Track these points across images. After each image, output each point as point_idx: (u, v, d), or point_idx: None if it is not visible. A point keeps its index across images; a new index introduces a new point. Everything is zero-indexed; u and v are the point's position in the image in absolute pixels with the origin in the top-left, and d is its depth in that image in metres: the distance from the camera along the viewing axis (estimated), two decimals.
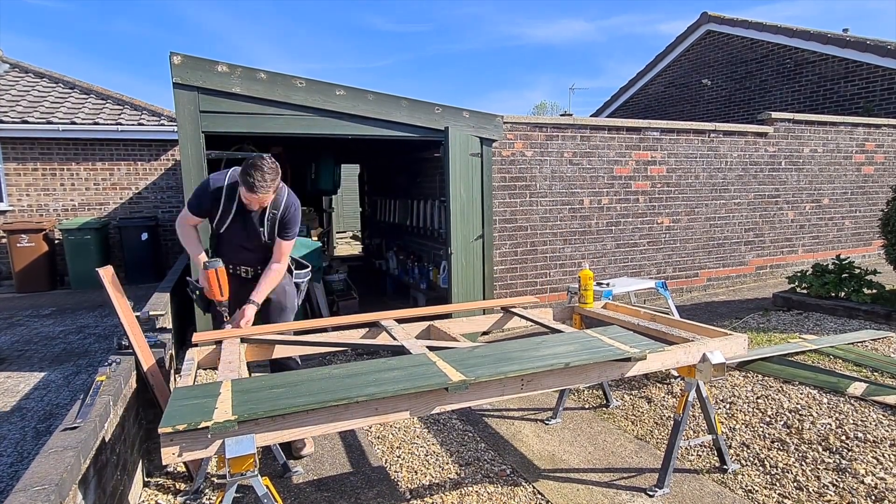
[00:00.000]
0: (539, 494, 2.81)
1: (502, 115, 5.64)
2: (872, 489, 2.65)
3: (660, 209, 6.87)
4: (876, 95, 9.49)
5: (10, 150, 9.00)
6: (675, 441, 2.77)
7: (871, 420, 3.28)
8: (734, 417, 3.52)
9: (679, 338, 2.91)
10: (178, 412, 1.85)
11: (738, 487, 2.79)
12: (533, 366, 2.29)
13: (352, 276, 7.67)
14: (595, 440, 3.40)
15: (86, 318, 6.82)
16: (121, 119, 9.43)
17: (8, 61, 10.64)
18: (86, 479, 1.95)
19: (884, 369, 4.03)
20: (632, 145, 6.55)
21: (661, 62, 13.73)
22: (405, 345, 2.78)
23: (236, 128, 4.55)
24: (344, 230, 17.48)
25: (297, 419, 1.94)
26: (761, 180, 7.55)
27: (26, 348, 5.56)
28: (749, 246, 7.64)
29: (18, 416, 3.88)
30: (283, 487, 2.95)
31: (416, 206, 7.24)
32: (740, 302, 6.71)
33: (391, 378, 2.15)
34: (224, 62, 4.38)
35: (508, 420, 3.74)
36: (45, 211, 9.30)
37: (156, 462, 3.05)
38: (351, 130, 4.91)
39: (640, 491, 2.81)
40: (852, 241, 8.56)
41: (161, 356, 3.01)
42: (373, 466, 3.17)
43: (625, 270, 6.73)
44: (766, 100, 11.30)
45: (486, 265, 5.60)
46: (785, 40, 10.80)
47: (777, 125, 7.54)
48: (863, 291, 5.74)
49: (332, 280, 6.96)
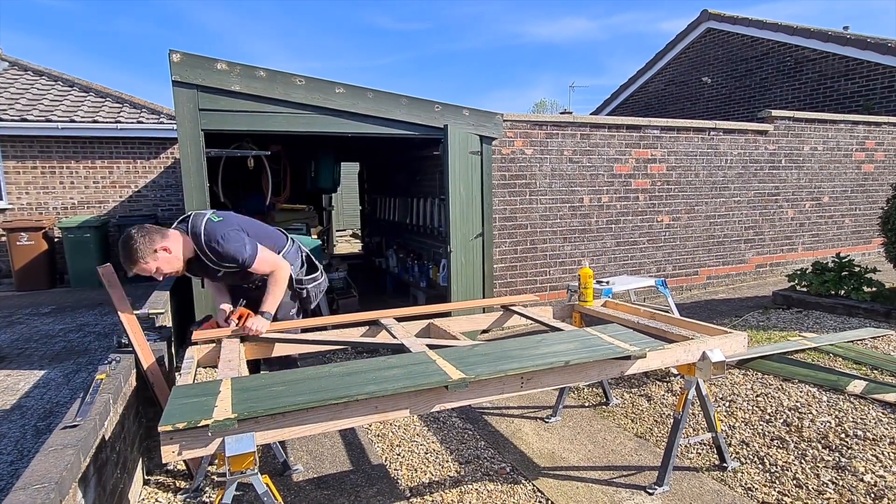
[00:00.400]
0: (539, 492, 2.81)
1: (502, 113, 5.63)
2: (872, 487, 2.65)
3: (660, 207, 6.87)
4: (876, 93, 9.48)
5: (10, 149, 8.99)
6: (674, 439, 2.77)
7: (871, 418, 3.29)
8: (734, 415, 3.52)
9: (679, 336, 2.91)
10: (178, 410, 1.85)
11: (738, 485, 2.80)
12: (533, 364, 2.29)
13: (352, 274, 7.67)
14: (595, 438, 3.40)
15: (86, 317, 6.82)
16: (120, 117, 9.42)
17: (6, 59, 10.62)
18: (86, 478, 1.95)
19: (883, 367, 4.03)
20: (632, 143, 6.55)
21: (662, 60, 13.70)
22: (405, 343, 2.78)
23: (236, 126, 4.54)
24: (344, 228, 17.47)
25: (297, 417, 1.94)
26: (761, 178, 7.54)
27: (26, 346, 5.56)
28: (749, 244, 7.63)
29: (18, 414, 3.88)
30: (283, 485, 2.95)
31: (415, 204, 7.24)
32: (740, 300, 6.71)
33: (391, 376, 2.15)
34: (223, 60, 4.37)
35: (508, 418, 3.75)
36: (44, 209, 9.29)
37: (156, 460, 3.05)
38: (350, 128, 4.90)
39: (639, 489, 2.81)
40: (852, 239, 8.56)
41: (161, 354, 3.01)
42: (373, 464, 3.18)
43: (625, 268, 6.73)
44: (766, 97, 11.29)
45: (486, 263, 5.60)
46: (785, 38, 10.78)
47: (777, 123, 7.53)
48: (862, 289, 5.74)
49: (332, 278, 6.96)
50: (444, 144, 5.17)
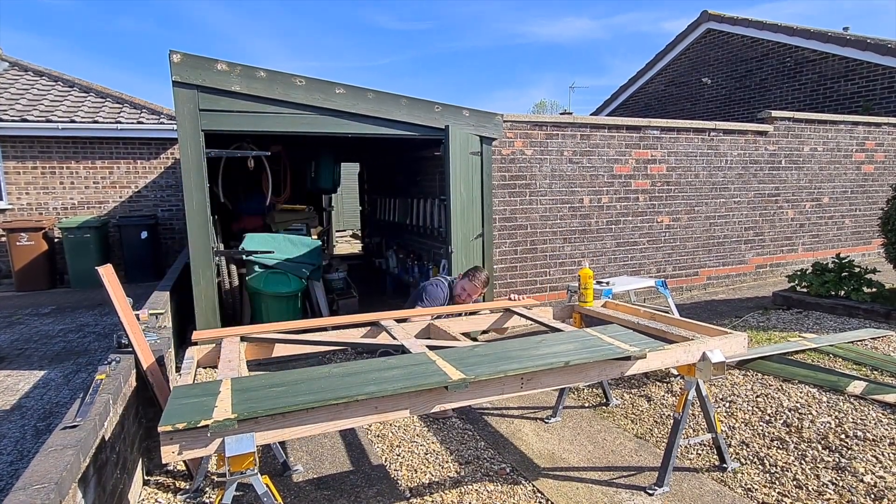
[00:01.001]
0: (539, 493, 2.81)
1: (502, 113, 5.64)
2: (872, 488, 2.65)
3: (660, 208, 6.87)
4: (876, 94, 9.48)
5: (10, 149, 8.99)
6: (674, 440, 2.77)
7: (871, 419, 3.29)
8: (734, 416, 3.52)
9: (679, 336, 2.91)
10: (178, 410, 1.85)
11: (738, 486, 2.79)
12: (533, 364, 2.29)
13: (351, 274, 7.67)
14: (595, 439, 3.40)
15: (85, 317, 6.82)
16: (120, 117, 9.42)
17: (7, 59, 10.62)
18: (85, 478, 1.95)
19: (883, 368, 4.03)
20: (632, 144, 6.55)
21: (662, 61, 13.71)
22: (405, 344, 2.78)
23: (236, 126, 4.55)
24: (344, 229, 17.48)
25: (297, 418, 1.94)
26: (761, 179, 7.54)
27: (26, 347, 5.56)
28: (749, 245, 7.64)
29: (18, 414, 3.88)
30: (283, 486, 2.95)
31: (415, 204, 7.24)
32: (740, 300, 6.71)
33: (391, 377, 2.15)
34: (223, 60, 4.38)
35: (508, 418, 3.75)
36: (44, 209, 9.29)
37: (156, 460, 3.05)
38: (351, 129, 4.91)
39: (639, 489, 2.81)
40: (852, 239, 8.56)
41: (161, 354, 3.01)
42: (373, 465, 3.18)
43: (625, 269, 6.73)
44: (766, 98, 11.30)
45: (486, 264, 5.60)
46: (785, 39, 10.78)
47: (777, 124, 7.53)
48: (862, 290, 5.74)
49: (332, 279, 6.96)
50: (445, 145, 5.17)
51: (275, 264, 5.67)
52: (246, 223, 7.60)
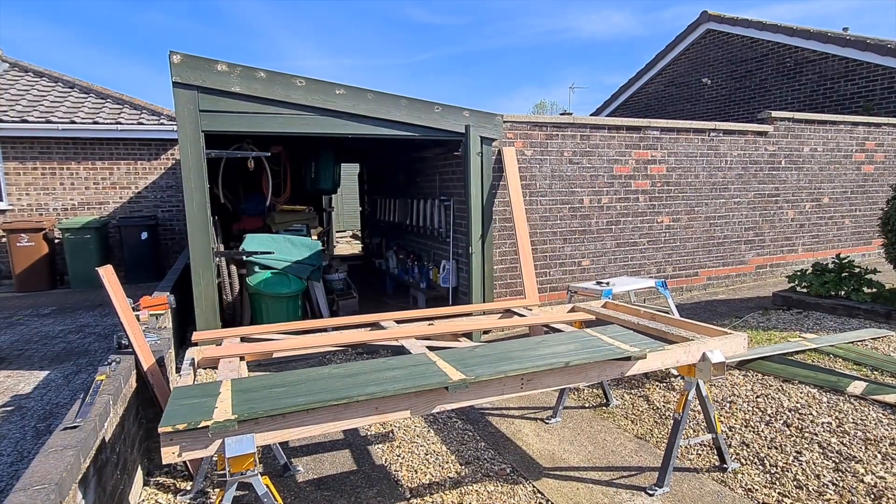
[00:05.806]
0: (539, 493, 2.81)
1: (502, 114, 5.64)
2: (872, 488, 2.65)
3: (660, 208, 6.87)
4: (876, 94, 9.48)
5: (10, 150, 8.99)
6: (674, 440, 2.77)
7: (871, 419, 3.29)
8: (734, 416, 3.52)
9: (679, 337, 2.91)
10: (178, 411, 1.85)
11: (738, 486, 2.79)
12: (533, 365, 2.29)
13: (352, 275, 7.67)
14: (595, 439, 3.40)
15: (86, 318, 6.82)
16: (120, 118, 9.43)
17: (7, 60, 10.63)
18: (86, 479, 1.95)
19: (883, 368, 4.03)
20: (632, 144, 6.55)
21: (662, 61, 13.71)
22: (405, 344, 2.78)
23: (236, 127, 4.55)
24: (344, 229, 17.48)
25: (297, 418, 1.94)
26: (761, 179, 7.54)
27: (26, 347, 5.56)
28: (749, 245, 7.63)
29: (18, 415, 3.88)
30: (284, 486, 2.95)
31: (415, 205, 7.24)
32: (740, 301, 6.71)
33: (391, 377, 2.15)
34: (223, 61, 4.38)
35: (508, 419, 3.74)
36: (44, 210, 9.30)
37: (156, 461, 3.05)
38: (351, 129, 4.91)
39: (640, 490, 2.81)
40: (852, 239, 8.56)
41: (161, 355, 3.01)
42: (373, 465, 3.18)
43: (625, 269, 6.73)
44: (766, 99, 11.30)
45: (486, 264, 5.61)
46: (785, 39, 10.79)
47: (777, 124, 7.53)
48: (863, 290, 5.74)
49: (332, 279, 6.96)
50: (465, 145, 5.31)
51: (275, 265, 5.68)
52: (246, 224, 7.60)
